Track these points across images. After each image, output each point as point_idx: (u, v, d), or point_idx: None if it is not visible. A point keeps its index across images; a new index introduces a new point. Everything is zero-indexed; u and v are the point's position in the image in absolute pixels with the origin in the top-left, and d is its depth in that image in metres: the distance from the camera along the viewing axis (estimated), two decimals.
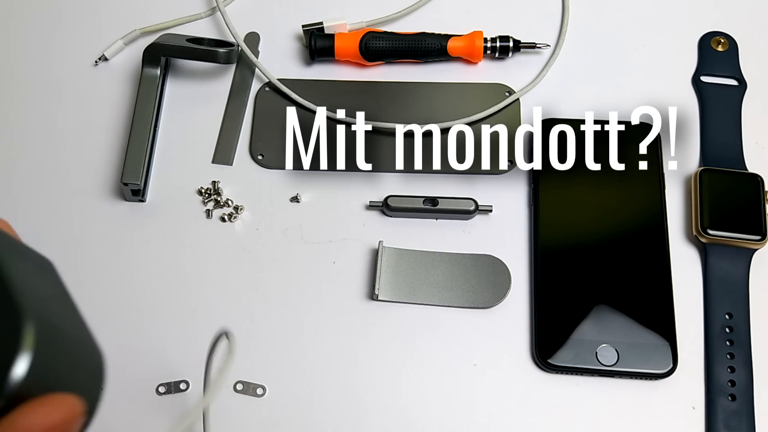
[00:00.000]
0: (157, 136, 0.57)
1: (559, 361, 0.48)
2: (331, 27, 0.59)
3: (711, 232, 0.51)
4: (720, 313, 0.50)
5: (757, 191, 0.52)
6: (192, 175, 0.56)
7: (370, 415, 0.48)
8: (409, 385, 0.49)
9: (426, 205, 0.53)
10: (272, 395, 0.49)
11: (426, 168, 0.55)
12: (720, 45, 0.59)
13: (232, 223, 0.54)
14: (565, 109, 0.57)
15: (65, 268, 0.52)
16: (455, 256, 0.52)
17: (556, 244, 0.52)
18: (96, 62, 0.60)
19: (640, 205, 0.53)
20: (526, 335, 0.50)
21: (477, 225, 0.54)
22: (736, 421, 0.47)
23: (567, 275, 0.51)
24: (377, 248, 0.52)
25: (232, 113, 0.58)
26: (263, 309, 0.51)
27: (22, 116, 0.58)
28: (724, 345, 0.49)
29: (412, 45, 0.58)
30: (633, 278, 0.50)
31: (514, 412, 0.48)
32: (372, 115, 0.57)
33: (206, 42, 0.58)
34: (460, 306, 0.51)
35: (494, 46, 0.58)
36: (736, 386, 0.48)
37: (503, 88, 0.58)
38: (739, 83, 0.58)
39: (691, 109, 0.58)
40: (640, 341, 0.48)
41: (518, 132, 0.56)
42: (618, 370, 0.48)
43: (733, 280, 0.51)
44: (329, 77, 0.59)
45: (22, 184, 0.56)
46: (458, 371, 0.49)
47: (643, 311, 0.49)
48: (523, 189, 0.55)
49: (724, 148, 0.55)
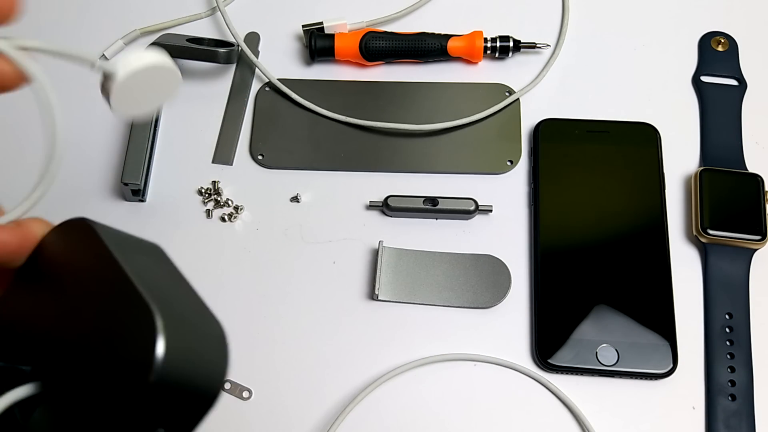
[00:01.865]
0: (157, 136, 0.57)
1: (559, 361, 0.48)
2: (331, 27, 0.59)
3: (711, 232, 0.51)
4: (720, 313, 0.50)
5: (757, 191, 0.52)
6: (192, 175, 0.56)
7: (370, 414, 0.48)
8: (408, 385, 0.49)
9: (426, 205, 0.53)
10: (259, 398, 0.49)
11: (426, 168, 0.56)
12: (720, 45, 0.59)
13: (232, 223, 0.54)
14: (565, 109, 0.57)
15: None
16: (455, 256, 0.52)
17: (556, 244, 0.52)
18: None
19: (640, 205, 0.53)
20: (526, 335, 0.50)
21: (477, 225, 0.54)
22: (736, 421, 0.47)
23: (567, 275, 0.51)
24: (377, 248, 0.52)
25: (232, 113, 0.58)
26: (263, 309, 0.51)
27: (22, 116, 0.58)
28: (724, 345, 0.49)
29: (412, 45, 0.58)
30: (633, 278, 0.50)
31: (513, 412, 0.48)
32: (372, 115, 0.57)
33: (206, 42, 0.58)
34: (460, 306, 0.51)
35: (494, 46, 0.58)
36: (736, 386, 0.48)
37: (503, 88, 0.58)
38: (739, 83, 0.58)
39: (691, 109, 0.58)
40: (640, 341, 0.48)
41: (518, 132, 0.56)
42: (618, 370, 0.48)
43: (733, 280, 0.51)
44: (329, 77, 0.59)
45: (22, 184, 0.56)
46: (458, 371, 0.49)
47: (643, 311, 0.49)
48: (523, 189, 0.55)
49: (724, 148, 0.55)
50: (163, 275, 0.24)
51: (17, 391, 0.23)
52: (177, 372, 0.21)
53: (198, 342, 0.22)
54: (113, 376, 0.21)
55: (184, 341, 0.21)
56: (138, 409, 0.20)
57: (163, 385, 0.20)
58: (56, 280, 0.24)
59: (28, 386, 0.24)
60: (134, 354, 0.21)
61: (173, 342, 0.21)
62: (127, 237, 0.26)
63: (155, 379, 0.20)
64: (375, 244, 0.53)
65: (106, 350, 0.21)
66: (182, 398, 0.21)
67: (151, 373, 0.20)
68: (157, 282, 0.23)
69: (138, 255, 0.24)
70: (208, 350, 0.22)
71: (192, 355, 0.21)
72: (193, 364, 0.21)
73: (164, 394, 0.20)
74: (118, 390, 0.21)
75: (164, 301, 0.21)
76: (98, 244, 0.24)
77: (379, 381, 0.49)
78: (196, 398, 0.22)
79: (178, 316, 0.21)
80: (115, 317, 0.22)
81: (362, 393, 0.48)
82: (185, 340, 0.21)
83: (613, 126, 0.56)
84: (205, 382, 0.22)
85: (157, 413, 0.21)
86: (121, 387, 0.21)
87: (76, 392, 0.22)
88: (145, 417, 0.20)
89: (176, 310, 0.22)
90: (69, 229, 0.25)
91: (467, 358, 0.49)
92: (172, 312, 0.21)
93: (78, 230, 0.25)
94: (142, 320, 0.21)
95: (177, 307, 0.22)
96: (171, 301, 0.22)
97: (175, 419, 0.21)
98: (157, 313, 0.21)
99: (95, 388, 0.21)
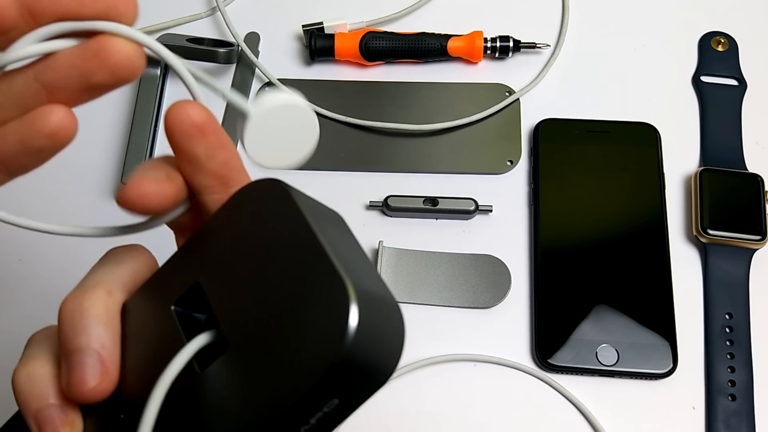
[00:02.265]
0: (157, 136, 0.57)
1: (559, 361, 0.48)
2: (331, 27, 0.59)
3: (711, 232, 0.51)
4: (720, 313, 0.50)
5: (757, 191, 0.52)
6: None
7: (370, 414, 0.48)
8: (408, 384, 0.49)
9: (426, 205, 0.53)
10: None
11: (426, 168, 0.56)
12: (720, 45, 0.59)
13: None
14: (565, 109, 0.57)
15: (65, 269, 0.52)
16: (455, 256, 0.52)
17: (556, 244, 0.52)
18: None
19: (640, 205, 0.53)
20: (526, 335, 0.50)
21: (477, 225, 0.54)
22: (736, 421, 0.47)
23: (567, 275, 0.51)
24: (377, 248, 0.52)
25: (233, 113, 0.58)
26: None
27: None
28: (724, 345, 0.49)
29: (412, 45, 0.58)
30: (633, 278, 0.50)
31: (514, 412, 0.48)
32: (372, 115, 0.57)
33: (206, 42, 0.58)
34: (460, 306, 0.51)
35: (494, 46, 0.58)
36: (736, 386, 0.48)
37: (503, 88, 0.58)
38: (739, 83, 0.58)
39: (691, 109, 0.58)
40: (640, 341, 0.48)
41: (518, 132, 0.56)
42: (618, 370, 0.48)
43: (733, 280, 0.51)
44: (329, 77, 0.59)
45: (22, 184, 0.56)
46: (458, 371, 0.49)
47: (643, 311, 0.49)
48: (523, 189, 0.55)
49: (724, 148, 0.55)
50: (348, 246, 0.24)
51: (199, 339, 0.23)
52: (363, 346, 0.21)
53: (381, 317, 0.22)
54: (299, 343, 0.21)
55: (372, 316, 0.21)
56: (322, 379, 0.20)
57: (350, 358, 0.20)
58: (245, 235, 0.24)
59: (207, 334, 0.24)
60: (325, 324, 0.21)
61: (364, 316, 0.21)
62: (315, 203, 0.26)
63: (346, 351, 0.20)
64: (375, 244, 0.53)
65: (292, 315, 0.21)
66: (362, 372, 0.21)
67: (342, 345, 0.20)
68: (345, 253, 0.23)
69: (327, 223, 0.24)
70: (389, 326, 0.22)
71: (376, 331, 0.21)
72: (377, 339, 0.21)
73: (349, 366, 0.21)
74: (304, 357, 0.21)
75: (353, 274, 0.22)
76: (292, 207, 0.24)
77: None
78: (374, 373, 0.22)
79: (365, 289, 0.21)
80: (305, 284, 0.22)
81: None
82: (372, 315, 0.21)
83: (613, 126, 0.56)
84: (384, 358, 0.22)
85: (338, 384, 0.21)
86: (307, 354, 0.21)
87: (255, 351, 0.22)
88: (326, 387, 0.20)
89: (364, 283, 0.22)
90: (262, 188, 0.25)
91: (469, 359, 0.49)
92: (361, 285, 0.21)
93: (272, 190, 0.25)
94: (336, 291, 0.21)
95: (364, 280, 0.22)
96: (359, 273, 0.22)
97: (351, 391, 0.21)
98: (350, 286, 0.21)
99: (278, 351, 0.21)
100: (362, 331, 0.20)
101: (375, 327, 0.21)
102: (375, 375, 0.22)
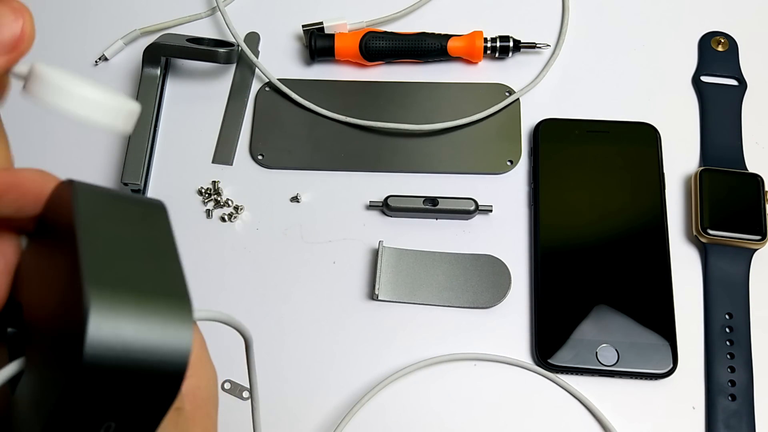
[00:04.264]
0: (157, 136, 0.57)
1: (559, 361, 0.48)
2: (331, 27, 0.59)
3: (711, 232, 0.51)
4: (720, 313, 0.50)
5: (757, 191, 0.52)
6: (192, 175, 0.56)
7: (370, 414, 0.48)
8: (408, 385, 0.49)
9: (426, 205, 0.53)
10: (259, 398, 0.49)
11: (426, 168, 0.56)
12: (720, 45, 0.59)
13: (232, 223, 0.54)
14: (565, 108, 0.57)
15: None
16: (455, 256, 0.52)
17: (556, 244, 0.52)
18: (96, 62, 0.60)
19: (640, 205, 0.53)
20: (526, 335, 0.50)
21: (477, 225, 0.54)
22: (736, 421, 0.47)
23: (567, 275, 0.51)
24: (377, 248, 0.52)
25: (233, 113, 0.58)
26: (263, 309, 0.51)
27: (22, 116, 0.58)
28: (724, 345, 0.49)
29: (412, 45, 0.58)
30: (633, 278, 0.50)
31: (514, 412, 0.48)
32: (372, 115, 0.57)
33: (206, 42, 0.58)
34: (460, 306, 0.51)
35: (494, 46, 0.58)
36: (736, 386, 0.48)
37: (503, 88, 0.58)
38: (739, 83, 0.58)
39: (691, 109, 0.58)
40: (640, 341, 0.48)
41: (518, 132, 0.56)
42: (618, 370, 0.48)
43: (733, 280, 0.51)
44: (329, 77, 0.59)
45: None
46: (458, 371, 0.49)
47: (643, 311, 0.49)
48: (523, 189, 0.55)
49: (724, 148, 0.55)
50: (139, 244, 0.23)
51: (7, 369, 0.22)
52: (116, 355, 0.19)
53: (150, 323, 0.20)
54: (52, 358, 0.20)
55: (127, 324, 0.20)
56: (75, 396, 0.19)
57: (97, 369, 0.19)
58: (47, 242, 0.24)
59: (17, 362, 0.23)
60: (68, 337, 0.20)
61: (109, 325, 0.19)
62: (117, 198, 0.24)
63: (86, 363, 0.19)
64: (375, 244, 0.53)
65: (59, 327, 0.21)
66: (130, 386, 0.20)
67: (79, 360, 0.19)
68: (121, 253, 0.22)
69: (115, 221, 0.23)
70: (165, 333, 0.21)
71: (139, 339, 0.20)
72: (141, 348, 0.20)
73: (102, 379, 0.19)
74: (52, 375, 0.20)
75: (115, 277, 0.20)
76: (70, 209, 0.23)
77: (383, 383, 0.49)
78: (150, 387, 0.20)
79: (126, 293, 0.20)
80: (65, 295, 0.21)
81: (366, 395, 0.48)
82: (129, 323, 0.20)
83: (613, 126, 0.56)
84: (160, 368, 0.20)
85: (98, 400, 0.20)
86: (54, 372, 0.20)
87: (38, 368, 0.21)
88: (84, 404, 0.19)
89: (129, 285, 0.21)
90: (62, 191, 0.24)
91: (469, 358, 0.49)
92: (120, 289, 0.20)
93: (65, 192, 0.24)
94: (81, 301, 0.20)
95: (133, 282, 0.21)
96: (128, 275, 0.21)
97: (128, 411, 0.20)
98: (91, 296, 0.19)
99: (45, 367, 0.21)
100: (107, 341, 0.19)
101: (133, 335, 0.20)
102: (151, 388, 0.21)
